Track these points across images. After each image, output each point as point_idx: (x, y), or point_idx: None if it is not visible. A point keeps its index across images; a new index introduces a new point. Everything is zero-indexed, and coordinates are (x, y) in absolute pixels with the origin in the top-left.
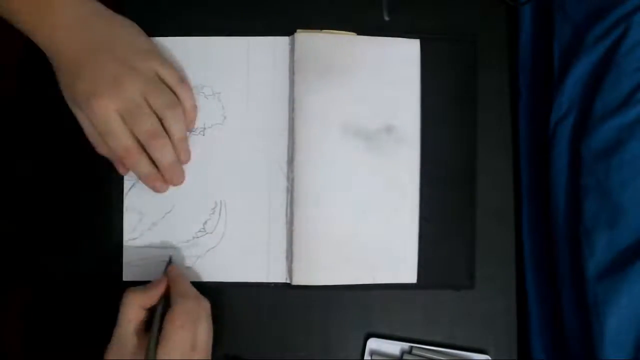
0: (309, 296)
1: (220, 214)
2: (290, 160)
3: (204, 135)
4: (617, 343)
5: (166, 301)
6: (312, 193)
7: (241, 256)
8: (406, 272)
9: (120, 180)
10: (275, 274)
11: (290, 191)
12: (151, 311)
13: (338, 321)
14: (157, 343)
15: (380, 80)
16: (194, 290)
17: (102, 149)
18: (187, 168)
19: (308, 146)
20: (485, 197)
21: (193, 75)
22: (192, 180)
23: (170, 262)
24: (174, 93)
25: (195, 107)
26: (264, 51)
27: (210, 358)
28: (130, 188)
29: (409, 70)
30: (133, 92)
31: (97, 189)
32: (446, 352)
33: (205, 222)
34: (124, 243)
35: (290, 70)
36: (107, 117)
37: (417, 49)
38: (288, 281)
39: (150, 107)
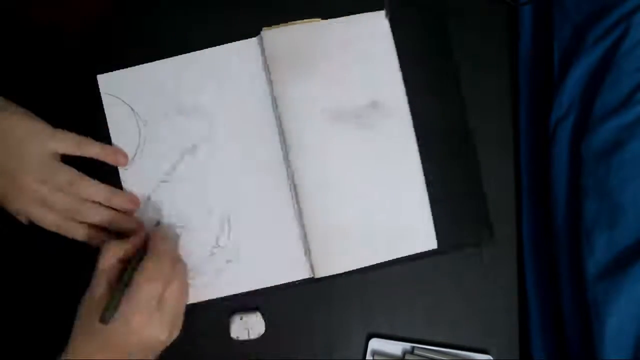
0: (310, 296)
1: (230, 226)
2: (286, 157)
3: (195, 152)
4: (617, 343)
5: (142, 257)
6: (314, 183)
7: (261, 262)
8: (425, 240)
9: None
10: (298, 272)
11: (293, 187)
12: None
13: (340, 321)
14: (121, 294)
15: (355, 58)
16: (172, 251)
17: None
18: (188, 188)
19: (300, 139)
20: (485, 197)
21: (172, 97)
22: (195, 199)
23: (158, 224)
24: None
25: (104, 146)
26: (234, 57)
27: (181, 321)
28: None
29: (381, 43)
30: (32, 191)
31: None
32: (448, 352)
33: (218, 238)
34: None
35: (265, 69)
36: (26, 209)
37: (385, 21)
38: (311, 276)
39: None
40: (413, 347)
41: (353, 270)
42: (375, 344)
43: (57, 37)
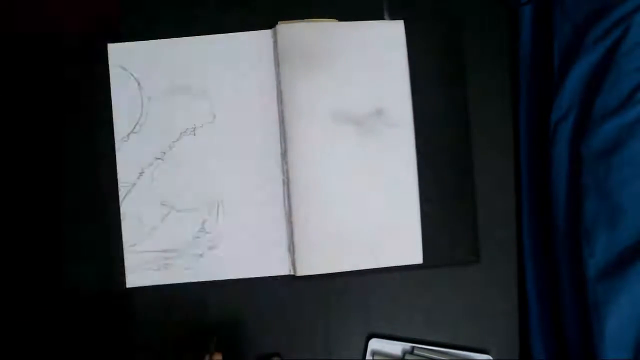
0: (311, 297)
1: (218, 213)
2: (284, 153)
3: (194, 135)
4: (617, 343)
5: None
6: (308, 183)
7: (243, 252)
8: (411, 253)
9: (115, 188)
10: (279, 268)
11: (287, 183)
12: None
13: (340, 322)
14: None
15: (366, 64)
16: None
17: None
18: (181, 169)
19: (300, 136)
20: (485, 197)
21: (179, 76)
22: (187, 181)
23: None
24: None
25: None
26: (247, 46)
27: None
28: (125, 195)
29: (394, 52)
30: None
31: (93, 199)
32: (448, 352)
33: (204, 222)
34: (125, 250)
35: (275, 62)
36: None
37: (401, 31)
38: (292, 273)
39: None
40: (413, 347)
41: (336, 272)
42: (375, 344)
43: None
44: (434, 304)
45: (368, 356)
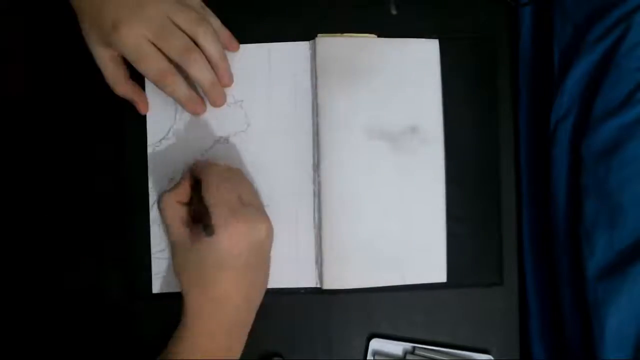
0: (310, 296)
1: None
2: (316, 165)
3: (227, 143)
4: (617, 343)
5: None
6: (339, 196)
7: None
8: (435, 271)
9: (145, 193)
10: (305, 279)
11: (318, 195)
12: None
13: (340, 321)
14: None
15: (402, 81)
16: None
17: (120, 88)
18: None
19: (334, 150)
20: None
21: None
22: None
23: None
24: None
25: (223, 26)
26: (285, 57)
27: (264, 212)
28: (155, 201)
29: (429, 70)
30: (157, 12)
31: (123, 203)
32: (449, 352)
33: None
34: (152, 255)
35: (312, 74)
36: (137, 41)
37: (436, 49)
38: (318, 286)
39: (178, 26)
40: (414, 347)
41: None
42: (376, 344)
43: None
44: (434, 303)
45: (369, 356)
